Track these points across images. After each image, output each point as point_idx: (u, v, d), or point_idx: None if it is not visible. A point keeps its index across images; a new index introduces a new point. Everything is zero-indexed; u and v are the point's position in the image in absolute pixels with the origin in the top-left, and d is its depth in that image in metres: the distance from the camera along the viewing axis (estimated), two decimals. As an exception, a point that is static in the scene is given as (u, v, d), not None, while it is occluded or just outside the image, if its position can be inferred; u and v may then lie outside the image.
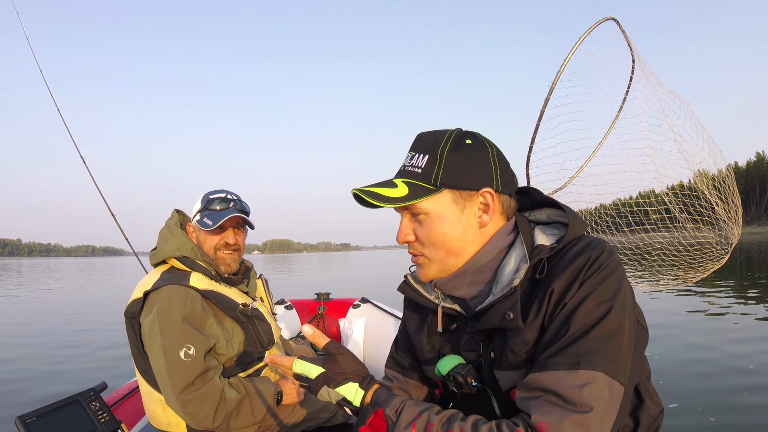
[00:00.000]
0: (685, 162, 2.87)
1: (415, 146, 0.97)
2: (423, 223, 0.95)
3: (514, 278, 0.91)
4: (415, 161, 0.95)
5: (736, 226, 2.94)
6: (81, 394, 1.44)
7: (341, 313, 3.78)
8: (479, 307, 0.96)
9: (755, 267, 15.39)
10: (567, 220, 0.98)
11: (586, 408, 0.75)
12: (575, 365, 0.78)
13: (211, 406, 1.52)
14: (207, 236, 1.77)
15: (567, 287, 0.85)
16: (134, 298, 1.65)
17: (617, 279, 0.86)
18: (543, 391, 0.79)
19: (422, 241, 0.96)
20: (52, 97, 3.00)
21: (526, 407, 0.80)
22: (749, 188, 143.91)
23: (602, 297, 0.83)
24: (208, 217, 1.76)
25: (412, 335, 1.15)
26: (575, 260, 0.88)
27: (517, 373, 0.91)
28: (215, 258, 1.78)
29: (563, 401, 0.76)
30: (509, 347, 0.91)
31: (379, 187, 0.94)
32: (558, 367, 0.79)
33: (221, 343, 1.64)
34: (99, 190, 2.97)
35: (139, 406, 1.96)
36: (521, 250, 0.96)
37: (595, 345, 0.79)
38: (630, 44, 2.81)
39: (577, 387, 0.76)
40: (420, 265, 1.00)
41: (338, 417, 1.91)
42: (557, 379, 0.78)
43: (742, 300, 8.47)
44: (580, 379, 0.77)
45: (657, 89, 2.88)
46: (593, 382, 0.77)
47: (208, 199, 1.79)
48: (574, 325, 0.81)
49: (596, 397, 0.76)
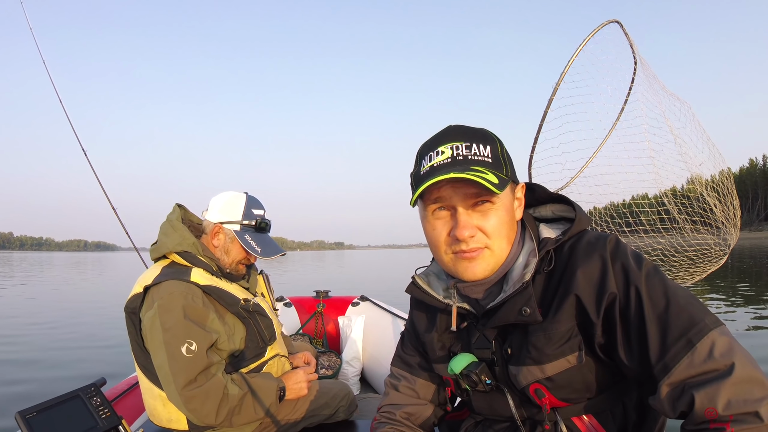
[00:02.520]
0: (685, 164, 2.88)
1: (465, 136, 0.93)
2: (488, 213, 0.91)
3: (525, 273, 0.92)
4: (478, 151, 0.91)
5: (734, 227, 2.96)
6: (82, 389, 1.41)
7: (340, 311, 3.78)
8: (491, 305, 0.95)
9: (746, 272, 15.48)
10: (572, 214, 0.99)
11: (728, 366, 0.74)
12: (690, 345, 0.77)
13: (214, 402, 1.51)
14: (237, 251, 1.78)
15: (602, 275, 0.85)
16: (134, 293, 1.63)
17: (639, 254, 0.88)
18: (687, 386, 0.76)
19: (489, 231, 0.92)
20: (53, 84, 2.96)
21: (683, 406, 0.77)
22: (742, 194, 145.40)
23: (649, 272, 0.84)
24: (255, 239, 1.78)
25: (421, 334, 1.15)
26: (595, 248, 0.88)
27: (539, 369, 0.91)
28: (234, 269, 1.80)
29: (708, 378, 0.75)
30: (531, 343, 0.91)
31: (471, 173, 0.87)
32: (678, 358, 0.77)
33: (223, 339, 1.62)
34: (99, 181, 2.94)
35: (139, 402, 1.94)
36: (530, 244, 0.97)
37: (684, 316, 0.79)
38: (632, 46, 2.83)
39: (707, 360, 0.75)
40: (476, 260, 0.94)
41: (340, 414, 1.90)
42: (686, 367, 0.77)
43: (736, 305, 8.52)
44: (703, 352, 0.76)
45: (659, 92, 2.89)
46: (714, 344, 0.76)
47: (254, 214, 1.82)
48: (653, 314, 0.81)
49: (726, 351, 0.75)
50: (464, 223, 0.90)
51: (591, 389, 0.93)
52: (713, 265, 2.98)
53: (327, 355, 3.16)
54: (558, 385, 0.92)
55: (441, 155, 0.92)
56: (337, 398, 1.90)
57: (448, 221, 0.94)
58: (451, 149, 0.92)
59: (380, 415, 1.19)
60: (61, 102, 2.96)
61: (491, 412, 1.05)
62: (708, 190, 2.92)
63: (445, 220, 0.94)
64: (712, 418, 0.72)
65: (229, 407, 1.54)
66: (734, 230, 3.00)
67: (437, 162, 0.92)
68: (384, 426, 1.14)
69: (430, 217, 0.96)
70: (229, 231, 1.78)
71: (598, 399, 0.94)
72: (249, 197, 1.83)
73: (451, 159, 0.91)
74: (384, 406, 1.20)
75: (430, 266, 1.15)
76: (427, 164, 0.94)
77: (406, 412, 1.16)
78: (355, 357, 3.23)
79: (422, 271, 1.14)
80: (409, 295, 1.13)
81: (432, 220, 0.95)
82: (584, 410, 0.94)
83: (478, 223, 0.91)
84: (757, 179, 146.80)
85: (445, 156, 0.92)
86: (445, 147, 0.92)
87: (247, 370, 1.71)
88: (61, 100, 2.96)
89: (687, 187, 3.12)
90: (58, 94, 2.95)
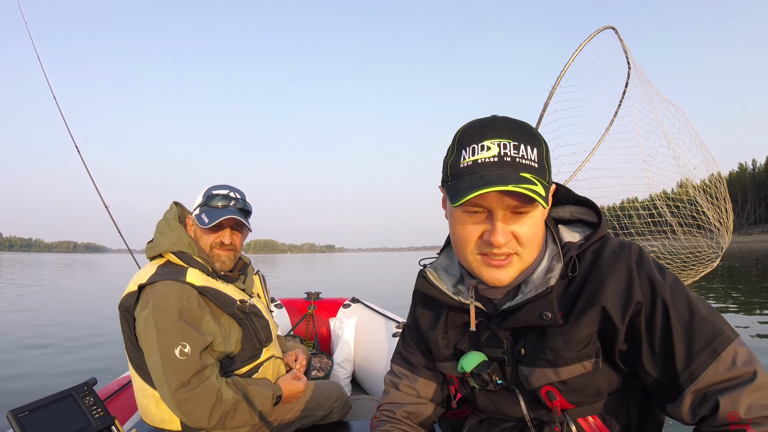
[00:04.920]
0: (679, 168, 2.91)
1: (513, 133, 0.87)
2: (525, 221, 0.87)
3: (549, 277, 0.90)
4: (526, 153, 0.86)
5: (726, 230, 2.99)
6: (74, 388, 1.39)
7: (331, 312, 3.77)
8: (509, 305, 0.94)
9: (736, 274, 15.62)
10: (593, 218, 0.98)
11: (750, 374, 0.78)
12: (715, 354, 0.80)
13: (207, 406, 1.50)
14: (203, 233, 1.74)
15: (629, 285, 0.86)
16: (129, 291, 1.61)
17: (661, 265, 0.90)
18: (711, 393, 0.80)
19: (522, 239, 0.88)
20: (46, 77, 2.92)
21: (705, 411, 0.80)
22: (732, 198, 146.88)
23: (673, 283, 0.86)
24: (206, 213, 1.72)
25: (425, 332, 1.12)
26: (620, 257, 0.89)
27: (554, 371, 0.91)
28: (210, 255, 1.74)
29: (732, 384, 0.79)
30: (548, 345, 0.91)
31: (522, 186, 0.81)
32: (704, 367, 0.80)
33: (218, 341, 1.61)
34: (91, 177, 2.91)
35: (131, 402, 1.92)
36: (553, 248, 0.95)
37: (708, 327, 0.82)
38: (627, 52, 2.85)
39: (731, 368, 0.79)
40: (506, 267, 0.90)
41: (333, 415, 1.89)
42: (712, 375, 0.80)
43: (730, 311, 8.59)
44: (727, 360, 0.80)
45: (652, 97, 2.92)
46: (737, 352, 0.80)
47: (210, 194, 1.75)
48: (679, 324, 0.83)
49: (748, 360, 0.80)
50: (502, 229, 0.86)
51: (601, 394, 0.93)
52: (706, 267, 3.00)
53: (318, 356, 3.15)
54: (571, 388, 0.92)
55: (486, 151, 0.86)
56: (331, 399, 1.89)
57: (481, 222, 0.89)
58: (498, 147, 0.85)
59: (380, 414, 1.18)
60: (54, 96, 2.92)
61: (496, 411, 1.04)
62: (701, 193, 2.95)
63: (479, 220, 0.89)
64: (734, 420, 0.76)
65: (222, 411, 1.53)
66: (727, 233, 3.02)
67: (482, 158, 0.86)
68: (384, 424, 1.13)
69: (463, 215, 0.90)
70: (193, 217, 1.77)
71: (604, 402, 0.94)
72: (214, 185, 1.80)
73: (498, 159, 0.85)
74: (384, 404, 1.19)
75: (439, 260, 1.11)
76: (469, 157, 0.87)
77: (407, 410, 1.15)
78: (346, 359, 3.22)
79: (430, 264, 1.10)
80: (406, 292, 1.11)
81: (463, 216, 0.90)
82: (590, 412, 0.95)
83: (513, 229, 0.87)
84: (746, 183, 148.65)
85: (491, 153, 0.85)
86: (492, 142, 0.86)
87: (243, 371, 1.70)
88: (54, 94, 2.91)
89: (680, 190, 3.15)
90: (51, 89, 2.91)
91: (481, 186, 0.81)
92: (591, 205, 1.02)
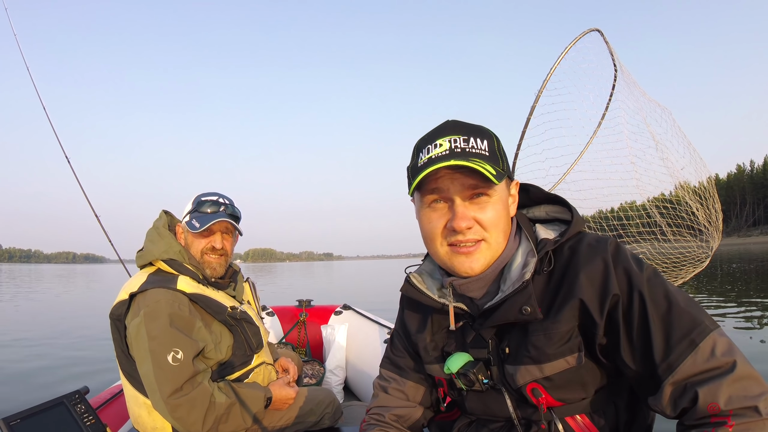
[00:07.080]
0: (667, 169, 2.93)
1: (462, 130, 0.94)
2: (485, 206, 0.92)
3: (524, 272, 0.92)
4: (476, 144, 0.92)
5: (716, 230, 3.01)
6: (66, 396, 1.41)
7: (323, 319, 3.77)
8: (489, 304, 0.96)
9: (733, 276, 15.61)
10: (567, 216, 1.01)
11: (729, 365, 0.78)
12: (693, 345, 0.81)
13: (201, 411, 1.50)
14: (194, 239, 1.75)
15: (605, 278, 0.87)
16: (119, 300, 1.62)
17: (639, 258, 0.91)
18: (690, 384, 0.80)
19: (486, 224, 0.93)
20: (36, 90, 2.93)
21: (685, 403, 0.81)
22: (730, 200, 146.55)
23: (650, 275, 0.87)
24: (197, 219, 1.73)
25: (413, 335, 1.14)
26: (597, 251, 0.90)
27: (538, 368, 0.92)
28: (201, 261, 1.75)
29: (711, 375, 0.79)
30: (530, 342, 0.92)
31: (470, 159, 0.89)
32: (682, 358, 0.81)
33: (210, 347, 1.61)
34: (81, 187, 2.89)
35: (123, 410, 1.92)
36: (527, 244, 0.98)
37: (686, 318, 0.83)
38: (612, 54, 2.88)
39: (710, 359, 0.79)
40: (474, 254, 0.94)
41: (325, 420, 1.90)
42: (690, 366, 0.80)
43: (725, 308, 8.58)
44: (706, 351, 0.80)
45: (639, 98, 2.94)
46: (716, 344, 0.80)
47: (200, 200, 1.77)
48: (656, 316, 0.84)
49: (727, 351, 0.79)
50: (462, 214, 0.91)
51: (587, 390, 0.94)
52: (696, 267, 3.01)
53: (310, 363, 3.15)
54: (555, 384, 0.93)
55: (439, 148, 0.92)
56: (323, 405, 1.90)
57: (444, 213, 0.94)
58: (449, 142, 0.92)
59: (369, 417, 1.18)
60: (45, 108, 2.91)
61: (485, 412, 1.05)
62: (690, 194, 2.97)
63: (442, 212, 0.94)
64: (714, 412, 0.76)
65: (215, 415, 1.53)
66: (717, 233, 3.04)
67: (435, 154, 0.92)
68: (373, 428, 1.14)
69: (427, 209, 0.96)
70: (183, 224, 1.78)
71: (591, 399, 0.95)
72: (203, 192, 1.81)
73: (449, 151, 0.91)
74: (373, 408, 1.20)
75: (423, 265, 1.14)
76: (424, 156, 0.94)
77: (396, 414, 1.16)
78: (338, 366, 3.23)
79: (415, 270, 1.13)
80: (398, 298, 1.13)
81: (428, 212, 0.96)
82: (577, 410, 0.95)
83: (476, 215, 0.92)
84: (744, 185, 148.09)
85: (443, 148, 0.92)
86: (443, 140, 0.93)
87: (234, 377, 1.70)
88: (44, 106, 2.91)
89: (670, 190, 3.17)
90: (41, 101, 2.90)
91: (429, 166, 0.90)
92: (563, 202, 1.04)
